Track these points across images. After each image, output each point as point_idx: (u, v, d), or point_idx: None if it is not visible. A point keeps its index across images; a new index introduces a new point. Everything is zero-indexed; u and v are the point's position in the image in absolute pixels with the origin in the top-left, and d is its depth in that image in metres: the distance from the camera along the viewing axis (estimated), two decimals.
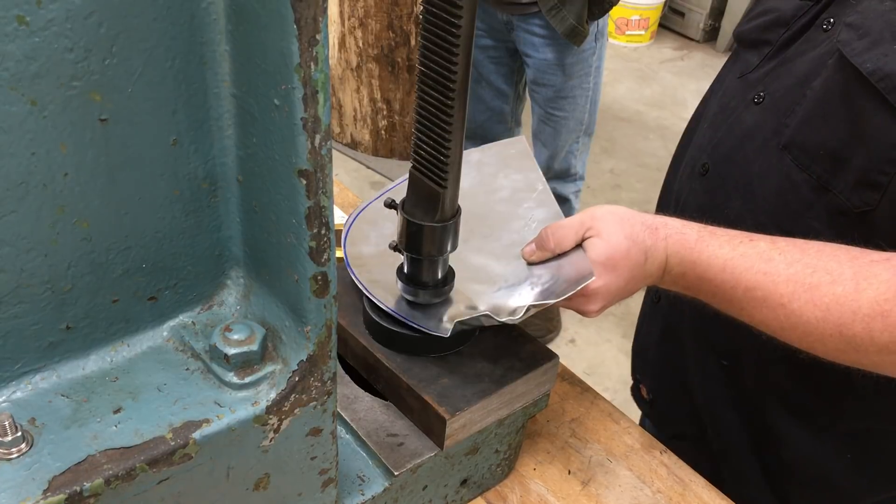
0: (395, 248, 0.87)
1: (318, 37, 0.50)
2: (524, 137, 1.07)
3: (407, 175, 0.97)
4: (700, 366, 1.10)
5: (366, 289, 0.91)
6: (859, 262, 0.77)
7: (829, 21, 0.91)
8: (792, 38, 0.97)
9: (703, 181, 1.04)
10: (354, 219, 0.98)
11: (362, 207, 0.99)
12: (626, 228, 0.84)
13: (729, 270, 0.81)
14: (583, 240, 0.86)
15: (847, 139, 0.86)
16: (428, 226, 0.81)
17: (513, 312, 0.83)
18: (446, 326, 0.85)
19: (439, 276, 0.87)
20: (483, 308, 0.87)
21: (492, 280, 0.92)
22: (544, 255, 0.88)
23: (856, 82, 0.83)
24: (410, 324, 0.86)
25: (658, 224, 0.85)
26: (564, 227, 0.87)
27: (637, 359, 1.31)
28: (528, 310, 0.81)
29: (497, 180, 1.01)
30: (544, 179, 1.01)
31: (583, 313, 0.87)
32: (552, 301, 0.82)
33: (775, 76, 0.96)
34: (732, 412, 1.08)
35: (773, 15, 1.00)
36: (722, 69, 1.13)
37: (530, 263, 0.90)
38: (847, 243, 0.79)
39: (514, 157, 1.04)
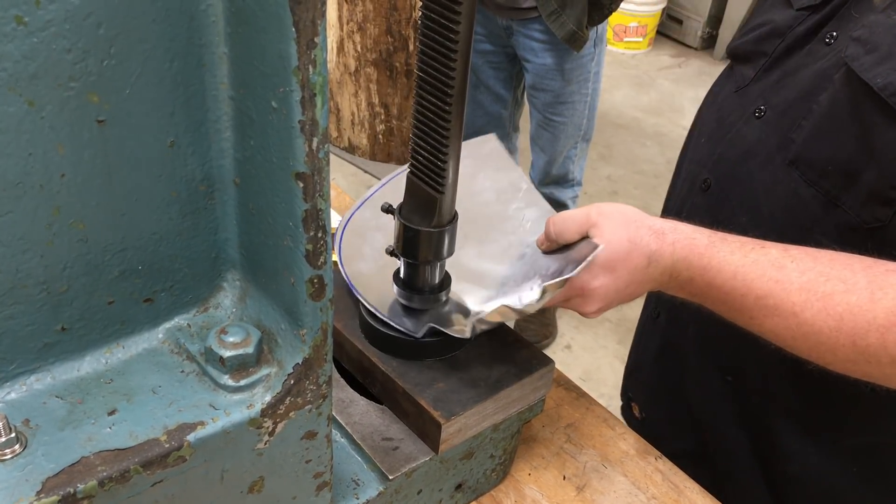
0: (391, 252, 0.86)
1: (316, 40, 0.50)
2: (494, 135, 1.05)
3: (381, 182, 0.96)
4: (702, 382, 1.09)
5: (354, 288, 0.90)
6: (874, 272, 0.75)
7: (832, 34, 0.89)
8: (790, 50, 0.95)
9: (706, 197, 1.03)
10: (345, 228, 0.97)
11: (348, 218, 0.98)
12: (629, 230, 0.83)
13: (740, 278, 0.80)
14: (585, 236, 0.85)
15: (857, 154, 0.84)
16: (425, 231, 0.81)
17: (529, 300, 0.81)
18: (464, 329, 0.85)
19: (436, 281, 0.87)
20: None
21: (499, 283, 0.91)
22: (550, 246, 0.88)
23: (865, 97, 0.82)
24: (436, 329, 0.85)
25: (666, 228, 0.84)
26: (567, 219, 0.86)
27: (629, 378, 1.30)
28: (544, 291, 0.79)
29: (477, 181, 1.00)
30: (526, 177, 1.01)
31: (581, 313, 0.86)
32: (568, 275, 0.80)
33: (776, 89, 0.95)
34: (736, 428, 1.07)
35: (766, 27, 0.99)
36: (715, 83, 1.12)
37: (545, 253, 0.90)
38: None
39: (490, 155, 1.03)
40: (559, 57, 2.32)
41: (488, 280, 0.92)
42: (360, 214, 0.97)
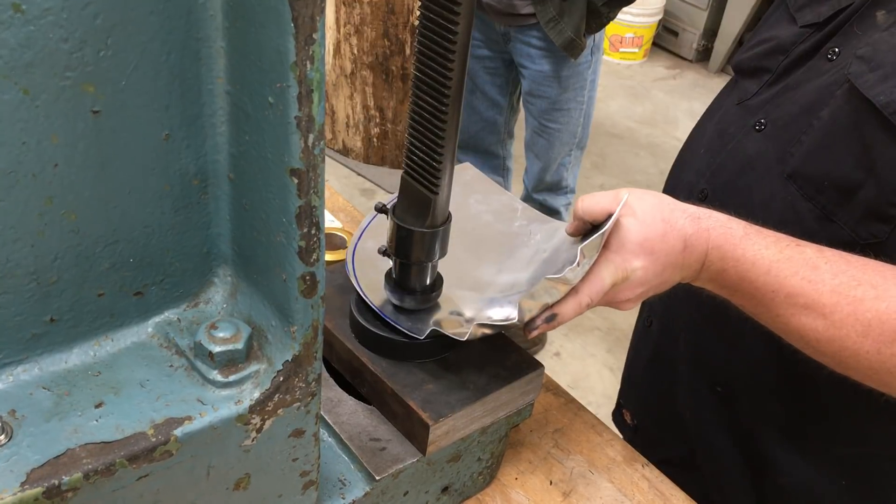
0: (384, 252, 0.86)
1: (314, 36, 0.50)
2: (469, 163, 1.05)
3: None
4: (692, 392, 1.09)
5: (362, 290, 0.90)
6: None
7: (835, 51, 0.90)
8: (793, 66, 0.96)
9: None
10: (358, 241, 0.96)
11: (356, 238, 0.96)
12: (664, 211, 0.80)
13: (773, 273, 0.77)
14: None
15: (855, 170, 0.84)
16: (418, 231, 0.81)
17: (570, 267, 0.75)
18: (469, 329, 0.83)
19: (427, 282, 0.87)
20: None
21: (530, 284, 0.89)
22: (577, 226, 0.84)
23: (867, 114, 0.82)
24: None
25: (701, 214, 0.81)
26: (597, 196, 0.82)
27: (624, 384, 1.30)
28: (583, 255, 0.74)
29: (470, 206, 1.00)
30: (516, 198, 1.01)
31: (619, 302, 0.82)
32: (603, 230, 0.75)
33: (777, 104, 0.95)
34: (725, 438, 1.07)
35: (771, 43, 1.00)
36: (718, 95, 1.12)
37: (571, 235, 0.87)
38: None
39: (473, 181, 1.03)
40: (556, 64, 2.33)
41: (519, 287, 0.90)
42: (363, 245, 0.95)
